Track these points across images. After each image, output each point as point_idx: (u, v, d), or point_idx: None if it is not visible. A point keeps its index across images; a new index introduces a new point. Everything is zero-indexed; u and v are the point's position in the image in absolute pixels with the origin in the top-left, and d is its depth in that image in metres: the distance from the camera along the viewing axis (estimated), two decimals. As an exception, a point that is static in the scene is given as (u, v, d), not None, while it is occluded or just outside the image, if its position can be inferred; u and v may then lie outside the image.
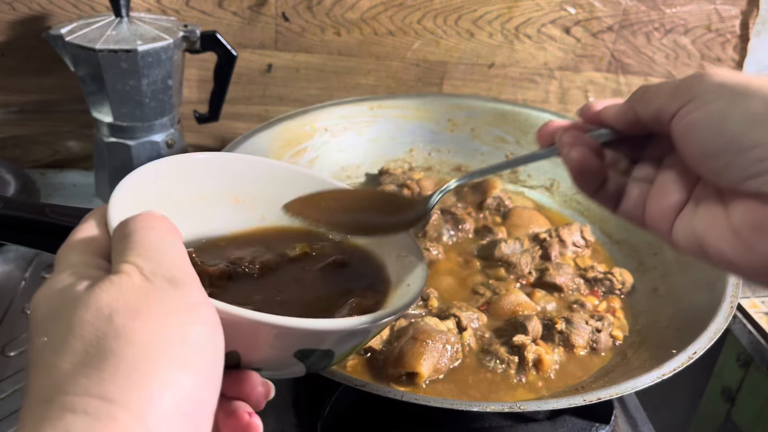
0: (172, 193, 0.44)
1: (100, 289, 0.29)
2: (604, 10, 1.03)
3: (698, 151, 0.37)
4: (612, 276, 0.74)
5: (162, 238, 0.32)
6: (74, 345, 0.27)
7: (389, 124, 0.93)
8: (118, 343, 0.27)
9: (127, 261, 0.30)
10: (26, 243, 0.48)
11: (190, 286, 0.30)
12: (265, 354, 0.36)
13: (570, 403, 0.53)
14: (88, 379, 0.26)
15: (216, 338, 0.30)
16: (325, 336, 0.36)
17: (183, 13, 0.95)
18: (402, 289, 0.44)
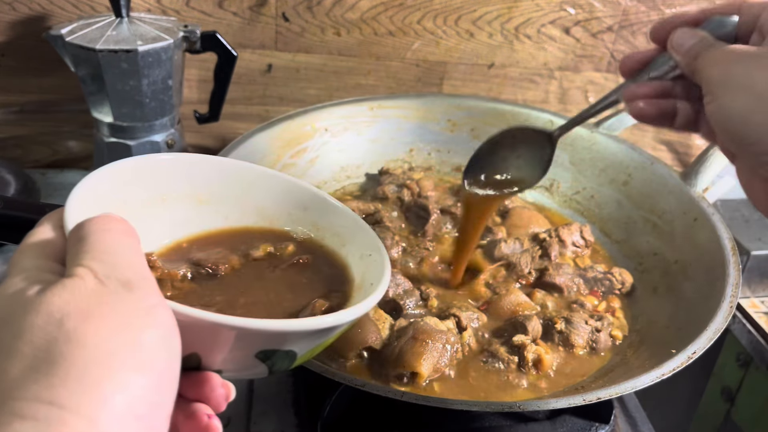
0: (132, 195, 0.44)
1: (51, 293, 0.28)
2: (604, 11, 1.03)
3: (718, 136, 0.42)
4: (612, 276, 0.74)
5: (118, 240, 0.32)
6: (23, 350, 0.27)
7: (389, 124, 0.93)
8: (68, 348, 0.26)
9: (81, 264, 0.30)
10: (26, 243, 0.48)
11: (145, 289, 0.30)
12: (226, 355, 0.35)
13: (570, 402, 0.53)
14: (37, 384, 0.26)
15: (171, 341, 0.30)
16: (285, 336, 0.36)
17: (183, 14, 0.95)
18: (365, 288, 0.44)
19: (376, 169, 0.92)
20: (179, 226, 0.48)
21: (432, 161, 0.95)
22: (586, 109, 0.56)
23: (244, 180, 0.49)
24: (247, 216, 0.50)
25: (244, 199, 0.49)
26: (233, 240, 0.49)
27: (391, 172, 0.90)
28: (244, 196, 0.49)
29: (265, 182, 0.50)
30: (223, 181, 0.49)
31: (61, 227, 0.35)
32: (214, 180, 0.48)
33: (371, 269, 0.46)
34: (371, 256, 0.47)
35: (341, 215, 0.50)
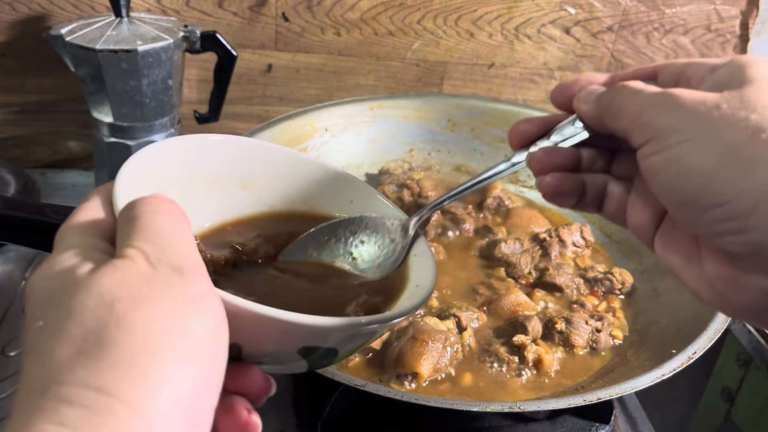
0: (179, 175, 0.43)
1: (102, 274, 0.27)
2: (604, 11, 1.03)
3: (663, 197, 0.33)
4: (612, 276, 0.74)
5: (170, 223, 0.31)
6: (73, 331, 0.26)
7: (389, 124, 0.93)
8: (118, 333, 0.26)
9: (132, 246, 0.29)
10: (26, 243, 0.48)
11: (196, 276, 0.29)
12: (269, 348, 0.35)
13: (570, 403, 0.53)
14: (85, 369, 0.25)
15: (220, 331, 0.29)
16: (332, 334, 0.35)
17: (183, 14, 0.95)
18: (411, 289, 0.43)
19: (376, 169, 0.92)
20: (222, 210, 0.46)
21: (432, 161, 0.95)
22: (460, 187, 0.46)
23: (291, 168, 0.48)
24: (290, 205, 0.48)
25: (290, 188, 0.48)
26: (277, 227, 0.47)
27: (391, 172, 0.90)
28: (289, 185, 0.48)
29: (312, 172, 0.48)
30: (270, 167, 0.47)
31: (110, 204, 0.34)
32: (261, 165, 0.47)
33: (417, 270, 0.45)
34: (417, 257, 0.46)
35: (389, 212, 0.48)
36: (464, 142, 0.94)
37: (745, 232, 0.30)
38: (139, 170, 0.38)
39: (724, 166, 0.30)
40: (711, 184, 0.30)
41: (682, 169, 0.31)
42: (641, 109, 0.34)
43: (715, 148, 0.30)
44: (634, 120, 0.34)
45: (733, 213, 0.30)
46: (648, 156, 0.33)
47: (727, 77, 0.33)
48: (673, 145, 0.31)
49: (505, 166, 0.43)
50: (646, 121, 0.33)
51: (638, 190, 0.38)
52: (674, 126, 0.32)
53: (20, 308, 0.76)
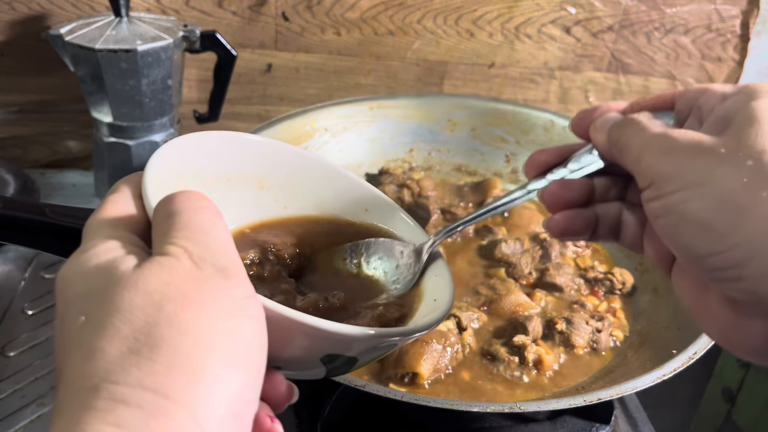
0: (202, 171, 0.42)
1: (148, 270, 0.27)
2: (605, 10, 1.03)
3: (664, 240, 0.33)
4: (612, 276, 0.74)
5: (211, 221, 0.30)
6: (122, 329, 0.25)
7: (389, 124, 0.93)
8: (170, 333, 0.25)
9: (174, 243, 0.28)
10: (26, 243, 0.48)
11: (240, 278, 0.28)
12: (294, 354, 0.34)
13: (570, 403, 0.53)
14: (139, 369, 0.24)
15: (263, 335, 0.28)
16: (358, 344, 0.35)
17: (183, 13, 0.95)
18: (428, 304, 0.42)
19: (376, 169, 0.92)
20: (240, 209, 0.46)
21: (432, 161, 0.95)
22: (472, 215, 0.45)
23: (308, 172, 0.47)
24: (306, 209, 0.48)
25: (306, 192, 0.47)
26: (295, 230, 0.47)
27: (391, 172, 0.90)
28: (306, 189, 0.47)
29: (330, 178, 0.48)
30: (288, 169, 0.47)
31: (140, 197, 0.33)
32: (279, 166, 0.46)
33: (433, 285, 0.44)
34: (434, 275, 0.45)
35: (403, 224, 0.48)
36: (464, 142, 0.94)
37: (742, 281, 0.29)
38: (165, 164, 0.37)
39: (719, 216, 0.30)
40: (707, 234, 0.30)
41: (679, 218, 0.31)
42: (641, 152, 0.34)
43: (710, 197, 0.30)
44: (636, 164, 0.34)
45: (729, 262, 0.30)
46: (648, 201, 0.33)
47: (733, 111, 0.32)
48: (670, 193, 0.31)
49: (521, 193, 0.42)
50: (645, 167, 0.33)
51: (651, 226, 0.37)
52: (671, 173, 0.32)
53: (20, 308, 0.75)
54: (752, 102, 0.32)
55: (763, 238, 0.29)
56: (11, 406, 0.64)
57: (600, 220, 0.40)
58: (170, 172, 0.38)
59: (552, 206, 0.40)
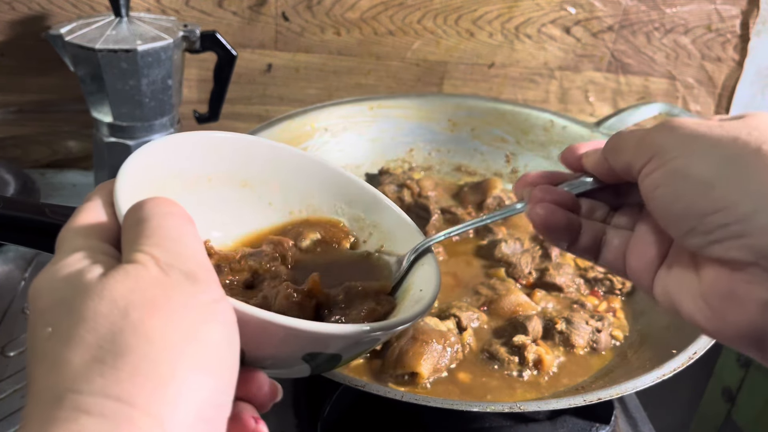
0: (180, 173, 0.42)
1: (113, 279, 0.27)
2: (605, 10, 1.03)
3: (663, 212, 0.34)
4: (612, 276, 0.74)
5: (180, 226, 0.30)
6: (86, 338, 0.25)
7: (389, 124, 0.93)
8: (135, 340, 0.25)
9: (142, 250, 0.28)
10: (26, 243, 0.48)
11: (208, 282, 0.28)
12: (273, 353, 0.35)
13: (570, 403, 0.53)
14: (103, 377, 0.24)
15: (233, 338, 0.29)
16: (335, 341, 0.35)
17: (183, 13, 0.95)
18: (414, 296, 0.42)
19: (376, 169, 0.92)
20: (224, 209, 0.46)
21: (432, 161, 0.95)
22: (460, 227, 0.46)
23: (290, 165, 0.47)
24: (290, 204, 0.48)
25: (289, 186, 0.47)
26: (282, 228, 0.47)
27: (391, 172, 0.90)
28: (289, 183, 0.47)
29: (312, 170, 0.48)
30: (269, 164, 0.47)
31: (111, 205, 0.33)
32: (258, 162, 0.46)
33: (419, 274, 0.44)
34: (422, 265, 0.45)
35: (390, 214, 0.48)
36: (464, 142, 0.94)
37: (745, 236, 0.30)
38: (139, 169, 0.37)
39: (723, 173, 0.30)
40: (710, 191, 0.31)
41: (681, 179, 0.32)
42: (642, 136, 0.35)
43: (713, 158, 0.31)
44: (636, 147, 0.35)
45: (733, 217, 0.30)
46: (649, 174, 0.34)
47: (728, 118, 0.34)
48: (673, 159, 0.33)
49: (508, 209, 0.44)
50: (647, 144, 0.34)
51: (640, 233, 0.39)
52: (675, 144, 0.33)
53: (20, 308, 0.75)
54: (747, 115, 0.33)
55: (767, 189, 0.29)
56: (11, 406, 0.64)
57: (583, 231, 0.40)
58: (144, 177, 0.38)
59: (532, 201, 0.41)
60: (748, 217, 0.29)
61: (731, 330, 0.32)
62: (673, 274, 0.36)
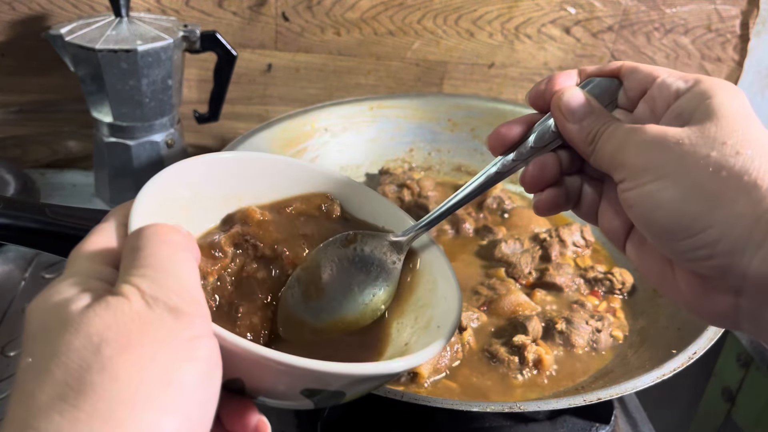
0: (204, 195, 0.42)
1: (94, 312, 0.26)
2: (604, 10, 1.03)
3: (638, 225, 0.36)
4: (612, 276, 0.74)
5: (173, 256, 0.30)
6: (56, 373, 0.25)
7: (389, 124, 0.93)
8: (101, 378, 0.24)
9: (129, 281, 0.28)
10: (26, 243, 0.48)
11: (192, 317, 0.28)
12: (270, 386, 0.34)
13: (570, 403, 0.53)
14: (62, 416, 0.24)
15: (211, 377, 0.28)
16: (333, 379, 0.34)
17: (183, 13, 0.95)
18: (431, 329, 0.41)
19: (376, 169, 0.92)
20: None
21: (432, 161, 0.95)
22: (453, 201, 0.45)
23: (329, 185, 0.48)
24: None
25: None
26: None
27: (391, 172, 0.90)
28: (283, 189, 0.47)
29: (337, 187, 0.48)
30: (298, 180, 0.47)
31: (125, 227, 0.33)
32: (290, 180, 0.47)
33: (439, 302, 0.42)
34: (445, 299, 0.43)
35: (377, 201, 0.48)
36: (464, 142, 0.94)
37: (712, 259, 0.33)
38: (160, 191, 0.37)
39: (691, 203, 0.33)
40: (681, 220, 0.33)
41: (653, 206, 0.34)
42: (616, 150, 0.36)
43: (681, 186, 0.33)
44: (611, 161, 0.37)
45: (701, 243, 0.33)
46: (624, 191, 0.36)
47: (691, 108, 0.35)
48: (644, 183, 0.34)
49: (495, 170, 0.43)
50: (620, 162, 0.36)
51: (608, 198, 0.41)
52: (645, 165, 0.35)
53: (20, 308, 0.75)
54: (708, 99, 0.35)
55: (731, 219, 0.32)
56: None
57: (568, 191, 0.42)
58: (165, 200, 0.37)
59: (532, 187, 0.42)
60: (714, 243, 0.32)
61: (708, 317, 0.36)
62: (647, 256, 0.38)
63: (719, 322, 0.35)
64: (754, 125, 0.34)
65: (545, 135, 0.41)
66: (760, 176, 0.32)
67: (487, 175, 0.43)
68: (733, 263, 0.32)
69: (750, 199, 0.32)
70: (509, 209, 0.86)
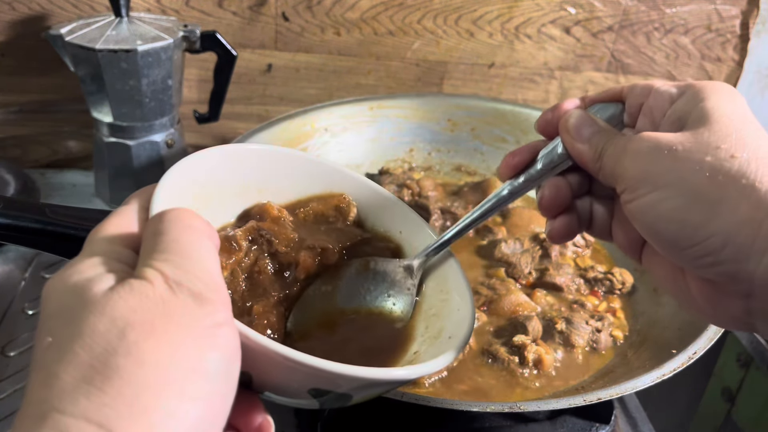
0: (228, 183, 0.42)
1: (118, 295, 0.26)
2: (604, 10, 1.03)
3: (644, 236, 0.36)
4: (612, 276, 0.74)
5: (196, 242, 0.29)
6: (80, 355, 0.25)
7: (389, 124, 0.93)
8: (126, 362, 0.24)
9: (153, 266, 0.28)
10: (26, 243, 0.48)
11: (215, 304, 0.28)
12: (279, 382, 0.34)
13: (570, 403, 0.53)
14: (88, 399, 0.24)
15: (232, 366, 0.28)
16: (342, 381, 0.34)
17: (183, 13, 0.95)
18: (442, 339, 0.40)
19: (376, 169, 0.92)
20: None
21: (432, 161, 0.95)
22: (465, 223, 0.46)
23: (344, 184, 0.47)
24: None
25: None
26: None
27: (391, 172, 0.90)
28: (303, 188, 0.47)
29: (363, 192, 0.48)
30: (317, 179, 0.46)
31: (146, 210, 0.32)
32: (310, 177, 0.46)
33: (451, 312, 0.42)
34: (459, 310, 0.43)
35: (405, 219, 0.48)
36: (464, 142, 0.94)
37: (718, 265, 0.33)
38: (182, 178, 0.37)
39: (691, 212, 0.33)
40: (683, 230, 0.33)
41: (654, 217, 0.34)
42: (615, 162, 0.37)
43: (681, 196, 0.33)
44: (612, 173, 0.37)
45: (706, 251, 0.33)
46: (626, 203, 0.36)
47: (686, 111, 0.36)
48: (644, 195, 0.34)
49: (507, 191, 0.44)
50: (619, 173, 0.36)
51: (619, 216, 0.40)
52: (642, 176, 0.35)
53: (20, 308, 0.75)
54: (701, 102, 0.35)
55: (734, 226, 0.32)
56: (11, 406, 0.64)
57: (579, 215, 0.42)
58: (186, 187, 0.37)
59: (549, 210, 0.42)
60: (718, 251, 0.32)
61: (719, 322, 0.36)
62: (659, 267, 0.38)
63: (734, 325, 0.35)
64: (749, 128, 0.34)
65: (554, 158, 0.42)
66: (758, 179, 0.32)
67: (499, 196, 0.44)
68: (740, 269, 0.32)
69: (750, 203, 0.31)
70: (509, 209, 0.86)
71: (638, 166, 0.35)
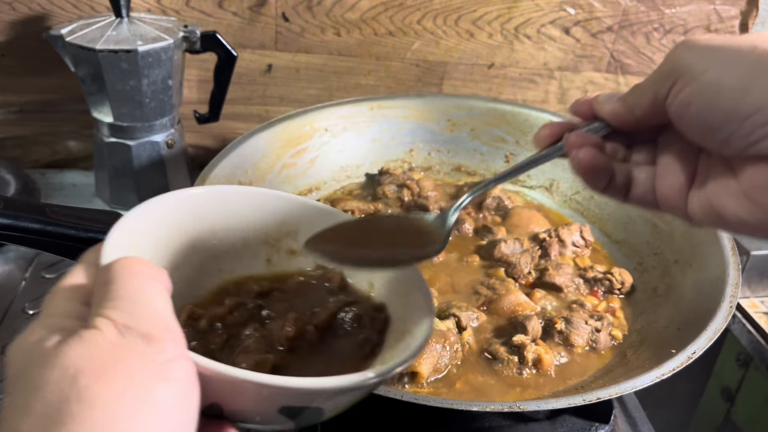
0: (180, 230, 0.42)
1: (68, 346, 0.27)
2: (604, 11, 1.03)
3: (698, 127, 0.36)
4: (611, 276, 0.74)
5: (143, 285, 0.31)
6: (36, 407, 0.26)
7: (389, 124, 0.93)
8: (79, 408, 0.25)
9: (102, 314, 0.29)
10: (26, 243, 0.48)
11: (164, 342, 0.28)
12: (248, 408, 0.34)
13: (569, 402, 0.53)
14: None
15: (188, 397, 0.29)
16: (309, 396, 0.34)
17: (183, 14, 0.95)
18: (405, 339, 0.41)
19: (376, 169, 0.92)
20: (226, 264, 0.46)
21: (432, 161, 0.95)
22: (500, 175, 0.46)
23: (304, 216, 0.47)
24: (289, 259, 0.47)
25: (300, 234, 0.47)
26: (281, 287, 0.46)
27: (391, 172, 0.90)
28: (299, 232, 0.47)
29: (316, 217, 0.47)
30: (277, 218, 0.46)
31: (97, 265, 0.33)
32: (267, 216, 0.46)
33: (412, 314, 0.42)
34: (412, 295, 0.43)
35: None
36: (464, 142, 0.94)
37: None
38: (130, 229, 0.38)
39: (754, 78, 0.33)
40: (745, 97, 0.33)
41: (715, 91, 0.34)
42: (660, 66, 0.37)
43: (741, 67, 0.33)
44: (657, 75, 0.37)
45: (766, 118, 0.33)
46: (678, 94, 0.36)
47: None
48: (700, 74, 0.35)
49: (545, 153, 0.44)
50: (669, 68, 0.36)
51: (663, 164, 0.40)
52: (697, 59, 0.35)
53: (20, 308, 0.76)
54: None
55: None
56: None
57: (615, 172, 0.42)
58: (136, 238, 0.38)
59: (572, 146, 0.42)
60: None
61: None
62: (710, 187, 0.38)
63: None
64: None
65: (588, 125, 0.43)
66: None
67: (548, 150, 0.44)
68: None
69: None
70: (509, 209, 0.86)
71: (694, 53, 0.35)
